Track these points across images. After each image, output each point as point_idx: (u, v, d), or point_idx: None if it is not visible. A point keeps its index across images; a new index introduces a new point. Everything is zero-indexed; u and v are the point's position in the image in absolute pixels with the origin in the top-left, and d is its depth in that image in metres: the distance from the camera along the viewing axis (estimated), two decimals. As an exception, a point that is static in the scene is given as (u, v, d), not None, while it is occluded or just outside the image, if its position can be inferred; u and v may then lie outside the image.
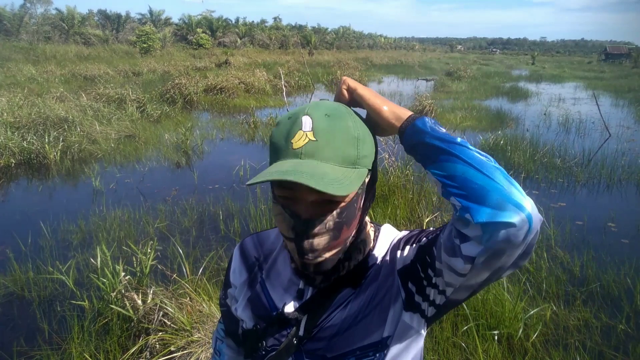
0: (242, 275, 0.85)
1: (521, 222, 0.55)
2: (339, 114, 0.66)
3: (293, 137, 0.63)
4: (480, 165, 0.60)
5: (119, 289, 2.73)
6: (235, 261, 0.88)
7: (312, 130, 0.63)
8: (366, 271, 0.76)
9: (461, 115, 10.72)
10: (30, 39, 27.99)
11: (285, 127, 0.65)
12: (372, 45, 67.90)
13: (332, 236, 0.66)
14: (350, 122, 0.66)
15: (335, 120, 0.65)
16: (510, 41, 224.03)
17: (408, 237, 0.77)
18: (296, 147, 0.62)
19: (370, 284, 0.75)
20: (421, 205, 4.71)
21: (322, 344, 0.73)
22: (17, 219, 4.57)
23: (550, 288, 3.31)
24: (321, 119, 0.64)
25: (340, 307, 0.74)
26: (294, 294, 0.77)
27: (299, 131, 0.63)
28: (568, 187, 5.93)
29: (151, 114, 9.46)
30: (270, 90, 14.31)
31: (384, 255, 0.78)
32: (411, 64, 33.80)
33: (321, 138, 0.63)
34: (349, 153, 0.64)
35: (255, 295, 0.81)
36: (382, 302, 0.73)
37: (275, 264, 0.83)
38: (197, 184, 5.68)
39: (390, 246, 0.78)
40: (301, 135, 0.63)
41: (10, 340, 2.71)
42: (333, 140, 0.63)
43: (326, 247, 0.67)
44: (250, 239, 0.89)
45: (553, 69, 36.09)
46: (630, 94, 17.29)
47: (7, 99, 8.50)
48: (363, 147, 0.66)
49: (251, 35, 44.02)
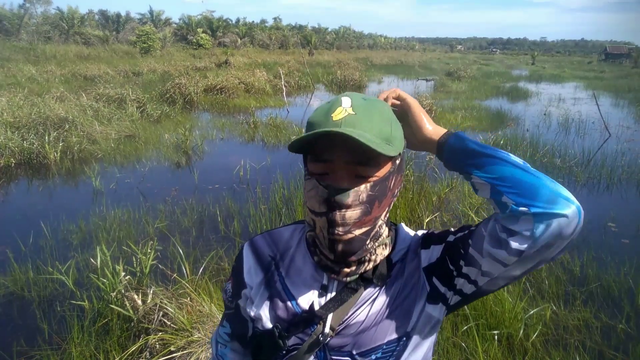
0: (257, 275, 0.83)
1: (573, 214, 0.61)
2: (374, 100, 0.72)
3: (333, 112, 0.67)
4: (526, 167, 0.67)
5: (119, 289, 2.73)
6: (249, 261, 0.85)
7: (352, 107, 0.68)
8: (391, 267, 0.77)
9: (461, 115, 10.72)
10: (30, 39, 28.01)
11: (325, 107, 0.70)
12: (372, 45, 67.91)
13: (364, 210, 0.68)
14: (385, 107, 0.72)
15: (372, 102, 0.71)
16: (510, 41, 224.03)
17: (430, 236, 0.79)
18: (336, 118, 0.66)
19: (396, 280, 0.76)
20: (421, 205, 4.70)
21: (348, 339, 0.74)
22: (17, 219, 4.57)
23: (550, 288, 3.31)
24: (359, 100, 0.70)
25: (367, 304, 0.74)
26: (317, 290, 0.77)
27: (339, 107, 0.68)
28: (568, 187, 5.75)
29: (151, 114, 9.46)
30: (271, 90, 14.31)
31: (406, 252, 0.79)
32: (411, 64, 33.81)
33: (360, 113, 0.67)
34: (384, 129, 0.68)
35: (275, 294, 0.79)
36: (407, 298, 0.74)
37: (294, 261, 0.81)
38: (197, 184, 5.68)
39: (411, 244, 0.80)
40: (341, 110, 0.67)
41: (10, 340, 2.71)
42: (370, 116, 0.68)
43: (357, 221, 0.68)
44: (262, 238, 0.87)
45: (553, 69, 36.09)
46: (630, 94, 17.29)
47: (7, 99, 8.50)
48: (396, 129, 0.71)
49: (251, 36, 44.05)
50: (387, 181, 0.70)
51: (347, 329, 0.74)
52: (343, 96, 0.70)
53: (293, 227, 0.87)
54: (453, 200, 5.04)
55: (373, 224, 0.71)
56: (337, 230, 0.68)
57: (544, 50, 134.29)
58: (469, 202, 4.85)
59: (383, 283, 0.75)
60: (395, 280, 0.76)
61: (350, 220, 0.67)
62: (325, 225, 0.68)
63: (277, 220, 4.47)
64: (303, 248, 0.81)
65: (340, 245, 0.69)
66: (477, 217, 4.37)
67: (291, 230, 0.86)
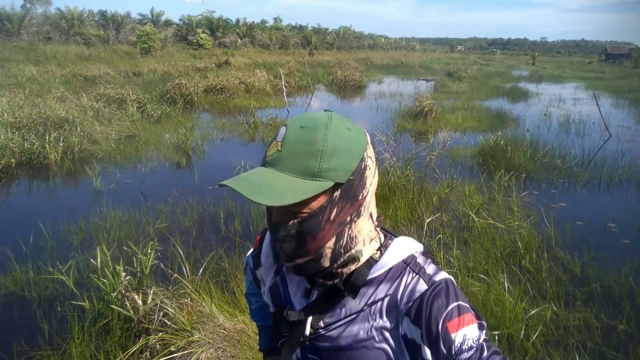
0: (269, 258, 0.87)
1: None
2: (313, 126, 0.67)
3: (270, 146, 0.69)
4: None
5: (119, 289, 2.73)
6: (266, 241, 0.90)
7: (282, 141, 0.67)
8: (364, 282, 0.73)
9: (462, 115, 10.72)
10: (31, 39, 28.01)
11: (274, 135, 0.71)
12: (372, 46, 67.90)
13: (297, 244, 0.68)
14: (320, 135, 0.66)
15: (306, 132, 0.66)
16: (510, 41, 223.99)
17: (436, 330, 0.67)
18: (267, 155, 0.69)
19: (375, 315, 0.72)
20: (421, 205, 4.71)
21: (326, 345, 0.75)
22: (17, 219, 4.57)
23: (550, 288, 3.31)
24: (294, 130, 0.67)
25: (344, 322, 0.74)
26: (302, 291, 0.80)
27: (274, 141, 0.68)
28: (568, 188, 5.92)
29: (151, 114, 9.47)
30: (271, 90, 14.31)
31: (394, 284, 0.73)
32: (411, 64, 33.80)
33: (285, 149, 0.66)
34: (308, 165, 0.65)
35: (275, 285, 0.85)
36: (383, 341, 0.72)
37: None
38: (198, 184, 5.68)
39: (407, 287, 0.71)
40: (274, 145, 0.68)
41: (10, 340, 2.71)
42: (295, 152, 0.66)
43: (295, 253, 0.69)
44: None
45: (553, 69, 36.08)
46: (630, 94, 17.28)
47: (8, 99, 8.50)
48: (329, 161, 0.65)
49: (251, 36, 44.03)
50: (320, 215, 0.67)
51: (324, 337, 0.75)
52: (286, 124, 0.69)
53: None
54: (453, 201, 5.04)
55: (316, 253, 0.69)
56: (281, 257, 0.73)
57: (544, 51, 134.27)
58: (469, 203, 4.85)
59: (354, 294, 0.73)
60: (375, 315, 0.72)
61: (289, 251, 0.69)
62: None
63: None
64: None
65: (301, 270, 0.72)
66: (477, 218, 4.38)
67: None
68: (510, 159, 6.59)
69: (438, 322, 0.66)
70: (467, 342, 0.65)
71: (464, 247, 3.94)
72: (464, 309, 0.68)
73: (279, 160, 0.66)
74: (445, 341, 0.65)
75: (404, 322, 0.70)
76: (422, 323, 0.67)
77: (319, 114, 0.70)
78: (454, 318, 0.66)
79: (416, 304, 0.69)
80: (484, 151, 7.01)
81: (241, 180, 0.65)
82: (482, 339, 0.66)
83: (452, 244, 3.81)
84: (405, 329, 0.70)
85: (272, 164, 0.67)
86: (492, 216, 4.52)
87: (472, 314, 0.68)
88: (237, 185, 0.63)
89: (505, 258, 3.72)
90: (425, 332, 0.66)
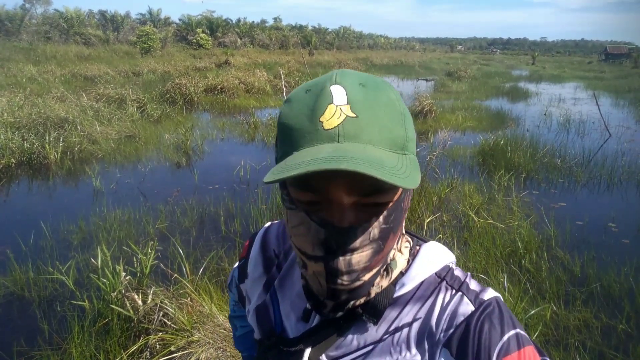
0: (257, 268, 0.70)
1: None
2: (376, 84, 0.50)
3: (322, 114, 0.46)
4: None
5: (119, 289, 2.73)
6: (255, 249, 0.71)
7: (349, 103, 0.47)
8: (389, 303, 0.56)
9: (461, 115, 10.72)
10: (31, 39, 28.00)
11: (304, 103, 0.48)
12: (372, 46, 67.92)
13: (376, 249, 0.50)
14: (393, 94, 0.50)
15: (375, 90, 0.49)
16: (510, 41, 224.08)
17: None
18: (329, 126, 0.45)
19: (400, 346, 0.55)
20: (421, 205, 4.71)
21: None
22: (17, 219, 4.57)
23: (550, 288, 3.31)
24: (356, 88, 0.48)
25: (356, 356, 0.56)
26: (298, 313, 0.61)
27: (330, 105, 0.46)
28: (568, 187, 5.92)
29: (151, 114, 9.46)
30: (271, 90, 14.31)
31: (426, 304, 0.56)
32: (411, 64, 33.80)
33: (363, 113, 0.46)
34: (397, 133, 0.48)
35: (263, 304, 0.66)
36: None
37: (291, 269, 0.66)
38: (198, 184, 5.68)
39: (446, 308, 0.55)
40: (334, 111, 0.46)
41: (10, 340, 2.71)
42: (377, 116, 0.47)
43: (367, 265, 0.49)
44: (276, 227, 0.73)
45: (553, 69, 36.09)
46: (630, 94, 17.29)
47: (8, 99, 8.50)
48: (410, 127, 0.50)
49: (251, 36, 44.04)
50: (402, 203, 0.52)
51: None
52: (332, 84, 0.48)
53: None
54: (453, 201, 5.04)
55: (385, 259, 0.52)
56: (340, 280, 0.49)
57: (544, 51, 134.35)
58: (469, 202, 4.85)
59: (375, 320, 0.55)
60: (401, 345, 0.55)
61: (359, 265, 0.49)
62: (322, 272, 0.49)
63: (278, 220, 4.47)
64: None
65: (344, 295, 0.51)
66: (477, 218, 4.38)
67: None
68: (510, 159, 6.59)
69: (491, 356, 0.50)
70: None
71: (464, 247, 3.95)
72: (524, 340, 0.51)
73: (360, 129, 0.46)
74: None
75: (442, 356, 0.52)
76: (467, 357, 0.50)
77: (354, 71, 0.53)
78: (512, 352, 0.50)
79: (459, 331, 0.52)
80: (483, 151, 7.01)
81: (345, 160, 0.41)
82: None
83: (452, 244, 3.81)
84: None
85: (350, 136, 0.45)
86: (492, 216, 4.52)
87: (534, 347, 0.51)
88: (352, 165, 0.40)
89: (505, 258, 3.72)
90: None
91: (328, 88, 0.48)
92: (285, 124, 0.49)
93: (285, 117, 0.49)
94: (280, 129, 0.50)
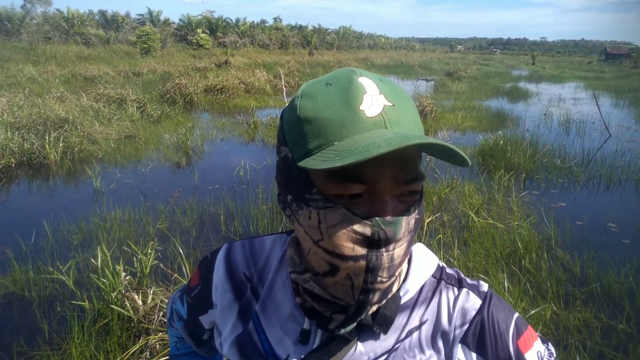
0: (225, 295, 0.63)
1: None
2: (387, 80, 0.52)
3: (360, 104, 0.46)
4: None
5: (119, 289, 2.73)
6: (219, 273, 0.65)
7: (382, 93, 0.48)
8: (397, 310, 0.55)
9: (461, 115, 10.72)
10: (31, 39, 28.00)
11: (332, 95, 0.48)
12: (372, 46, 67.93)
13: (409, 241, 0.49)
14: (403, 89, 0.53)
15: (394, 84, 0.51)
16: (510, 41, 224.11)
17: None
18: (372, 114, 0.46)
19: (413, 350, 0.55)
20: (421, 205, 4.70)
21: None
22: (17, 219, 4.57)
23: (550, 288, 3.31)
24: (380, 82, 0.50)
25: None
26: (295, 336, 0.57)
27: (365, 95, 0.47)
28: (568, 187, 5.93)
29: (151, 114, 9.46)
30: (271, 90, 14.32)
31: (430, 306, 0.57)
32: (411, 64, 33.81)
33: (397, 102, 0.48)
34: (419, 122, 0.50)
35: (246, 334, 0.60)
36: None
37: (272, 291, 0.61)
38: (198, 184, 5.68)
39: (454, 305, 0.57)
40: (371, 100, 0.47)
41: (10, 340, 2.71)
42: (406, 105, 0.49)
43: (401, 259, 0.49)
44: (241, 249, 0.67)
45: (553, 69, 36.10)
46: (630, 94, 17.29)
47: (8, 99, 8.50)
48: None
49: (251, 36, 44.04)
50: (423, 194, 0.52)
51: None
52: (359, 76, 0.49)
53: (273, 238, 0.67)
54: (453, 200, 5.04)
55: (408, 254, 0.53)
56: (379, 276, 0.47)
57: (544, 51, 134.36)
58: (469, 202, 4.85)
59: (385, 330, 0.54)
60: (412, 351, 0.55)
61: (398, 259, 0.48)
62: (361, 271, 0.47)
63: (278, 220, 4.47)
64: (284, 273, 0.61)
65: (376, 296, 0.49)
66: (477, 218, 4.38)
67: (275, 241, 0.65)
68: (510, 159, 6.59)
69: (507, 343, 0.54)
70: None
71: (464, 247, 3.95)
72: (523, 322, 0.56)
73: (400, 116, 0.47)
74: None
75: (459, 351, 0.54)
76: (487, 348, 0.53)
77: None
78: (522, 334, 0.55)
79: (474, 325, 0.55)
80: (483, 151, 7.02)
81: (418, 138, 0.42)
82: (554, 357, 0.56)
83: (452, 244, 3.81)
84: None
85: (395, 122, 0.46)
86: (492, 216, 4.52)
87: (528, 324, 0.57)
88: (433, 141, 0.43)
89: (505, 258, 3.73)
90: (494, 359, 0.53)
91: (356, 80, 0.48)
92: (314, 117, 0.47)
93: (312, 110, 0.48)
94: (307, 122, 0.48)
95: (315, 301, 0.54)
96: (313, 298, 0.54)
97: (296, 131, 0.49)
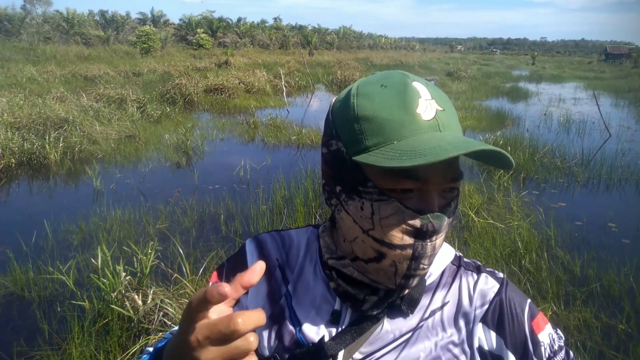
0: (260, 282, 0.63)
1: None
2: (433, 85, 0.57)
3: (417, 107, 0.51)
4: None
5: (119, 289, 2.73)
6: (253, 260, 0.67)
7: (433, 98, 0.52)
8: (423, 291, 0.61)
9: (461, 115, 10.72)
10: (31, 39, 28.02)
11: (389, 97, 0.52)
12: (372, 46, 67.94)
13: (446, 233, 0.56)
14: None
15: (439, 90, 0.55)
16: (510, 41, 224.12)
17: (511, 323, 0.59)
18: (427, 118, 0.51)
19: (436, 329, 0.60)
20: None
21: None
22: (17, 219, 4.57)
23: (550, 288, 3.31)
24: (429, 86, 0.54)
25: (395, 346, 0.59)
26: (326, 317, 0.61)
27: (419, 99, 0.51)
28: (568, 187, 5.93)
29: (151, 114, 9.47)
30: (271, 90, 14.32)
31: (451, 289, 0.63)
32: (411, 64, 33.81)
33: (446, 107, 0.53)
34: (459, 126, 0.56)
35: (278, 314, 0.63)
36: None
37: (303, 274, 0.65)
38: (198, 184, 5.68)
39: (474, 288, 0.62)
40: (425, 104, 0.51)
41: (10, 340, 2.71)
42: (452, 110, 0.55)
43: (439, 249, 0.55)
44: (269, 236, 0.71)
45: (553, 69, 36.10)
46: (630, 94, 17.29)
47: (8, 99, 8.51)
48: None
49: (251, 36, 44.06)
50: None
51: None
52: (412, 80, 0.53)
53: (296, 231, 0.71)
54: (453, 201, 5.04)
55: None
56: (422, 264, 0.53)
57: (544, 51, 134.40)
58: (469, 202, 4.85)
59: (412, 309, 0.59)
60: (435, 329, 0.60)
61: (438, 249, 0.54)
62: (406, 259, 0.52)
63: (279, 220, 4.47)
64: (314, 257, 0.66)
65: (415, 281, 0.55)
66: (477, 218, 4.38)
67: (299, 233, 0.70)
68: (510, 159, 6.57)
69: (523, 323, 0.59)
70: (554, 345, 0.59)
71: (464, 247, 3.95)
72: (534, 306, 0.62)
73: (449, 121, 0.53)
74: (536, 346, 0.57)
75: (479, 330, 0.59)
76: (505, 327, 0.58)
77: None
78: (535, 316, 0.60)
79: (493, 305, 0.60)
80: (483, 151, 7.00)
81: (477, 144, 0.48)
82: (563, 341, 0.60)
83: (452, 244, 3.81)
84: (481, 338, 0.59)
85: (446, 126, 0.52)
86: (492, 216, 4.52)
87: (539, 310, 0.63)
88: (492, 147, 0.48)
89: (505, 258, 3.72)
90: (511, 338, 0.58)
91: (411, 84, 0.52)
92: (373, 115, 0.51)
93: (371, 109, 0.52)
94: (365, 120, 0.52)
95: (350, 285, 0.59)
96: (347, 282, 0.59)
97: (352, 128, 0.53)
